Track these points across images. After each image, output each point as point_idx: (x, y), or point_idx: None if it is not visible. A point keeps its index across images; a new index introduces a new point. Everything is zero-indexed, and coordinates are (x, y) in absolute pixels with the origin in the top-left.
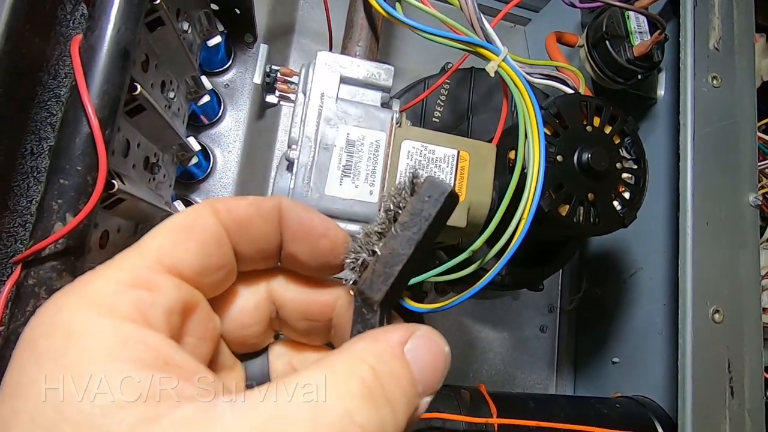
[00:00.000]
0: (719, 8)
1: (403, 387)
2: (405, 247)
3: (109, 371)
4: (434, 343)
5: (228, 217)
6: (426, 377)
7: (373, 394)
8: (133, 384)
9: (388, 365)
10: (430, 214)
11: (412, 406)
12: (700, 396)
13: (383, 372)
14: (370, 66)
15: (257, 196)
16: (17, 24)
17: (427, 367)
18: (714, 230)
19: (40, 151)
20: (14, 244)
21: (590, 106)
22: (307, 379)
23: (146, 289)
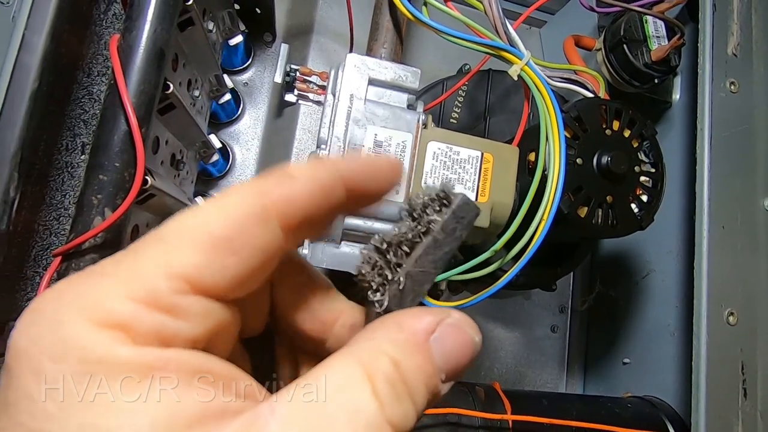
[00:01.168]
0: (738, 14)
1: (425, 380)
2: (437, 265)
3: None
4: (463, 332)
5: (286, 211)
6: (450, 367)
7: (397, 390)
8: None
9: (411, 359)
10: (462, 236)
11: (432, 395)
12: (714, 397)
13: (406, 367)
14: (397, 68)
15: (309, 167)
16: (60, 25)
17: (452, 358)
18: (730, 234)
19: (74, 147)
20: (49, 236)
21: (610, 109)
22: (334, 375)
23: (169, 315)
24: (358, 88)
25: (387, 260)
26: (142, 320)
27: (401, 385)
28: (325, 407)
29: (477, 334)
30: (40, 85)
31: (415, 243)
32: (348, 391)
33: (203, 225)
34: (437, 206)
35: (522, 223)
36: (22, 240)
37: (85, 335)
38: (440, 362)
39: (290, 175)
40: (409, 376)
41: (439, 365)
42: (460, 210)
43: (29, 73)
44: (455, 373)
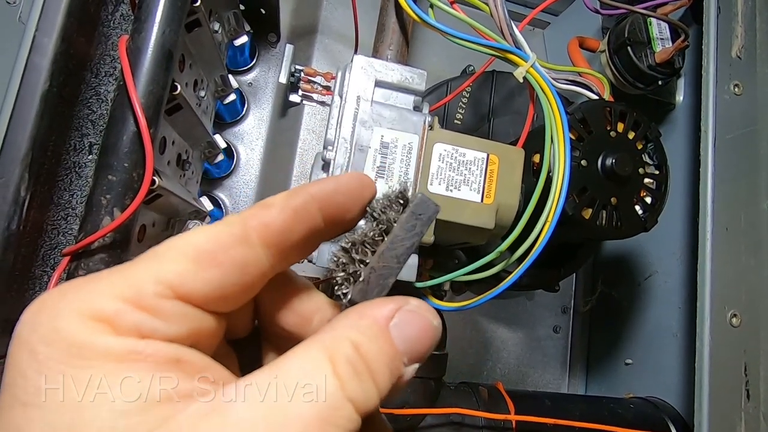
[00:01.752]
0: (742, 16)
1: (386, 361)
2: (400, 260)
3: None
4: (422, 317)
5: (266, 235)
6: (411, 350)
7: (357, 370)
8: (134, 385)
9: (372, 342)
10: (422, 231)
11: (395, 377)
12: (717, 398)
13: (367, 349)
14: (403, 70)
15: (284, 195)
16: (69, 26)
17: (413, 341)
18: (733, 236)
19: (81, 147)
20: (57, 236)
21: (614, 111)
22: (299, 360)
23: (150, 314)
24: (365, 90)
25: (352, 258)
26: (125, 316)
27: (362, 365)
28: (288, 388)
29: (435, 318)
30: (50, 86)
31: (377, 241)
32: (310, 372)
33: (190, 241)
34: (396, 206)
35: (527, 225)
36: (30, 239)
37: (74, 325)
38: (401, 346)
39: (268, 204)
40: (370, 357)
41: (400, 348)
42: (417, 208)
43: (40, 74)
44: (417, 356)
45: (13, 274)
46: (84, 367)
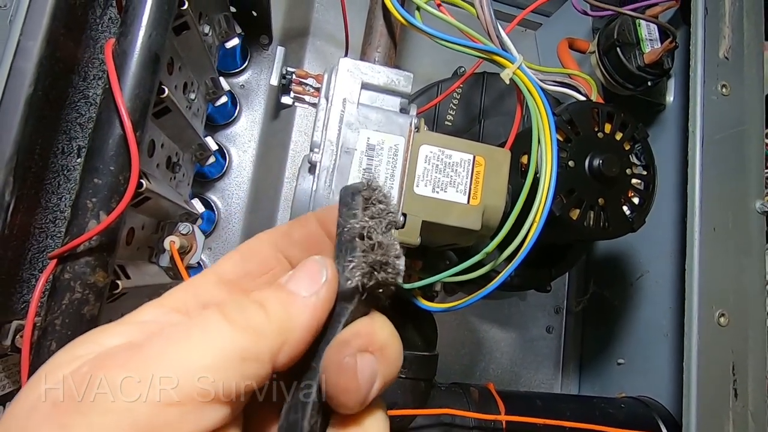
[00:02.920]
0: (730, 18)
1: (271, 293)
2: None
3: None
4: (304, 260)
5: (272, 233)
6: (300, 281)
7: (244, 306)
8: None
9: (262, 289)
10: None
11: (286, 301)
12: (705, 397)
13: (255, 293)
14: (390, 72)
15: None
16: (55, 29)
17: (299, 276)
18: (721, 236)
19: (69, 150)
20: (45, 239)
21: (602, 112)
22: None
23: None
24: (351, 92)
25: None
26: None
27: (248, 300)
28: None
29: (318, 256)
30: (35, 90)
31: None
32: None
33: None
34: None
35: (514, 225)
36: (18, 243)
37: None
38: (289, 284)
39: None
40: (256, 294)
41: (288, 285)
42: (343, 199)
43: (24, 78)
44: (308, 282)
45: None
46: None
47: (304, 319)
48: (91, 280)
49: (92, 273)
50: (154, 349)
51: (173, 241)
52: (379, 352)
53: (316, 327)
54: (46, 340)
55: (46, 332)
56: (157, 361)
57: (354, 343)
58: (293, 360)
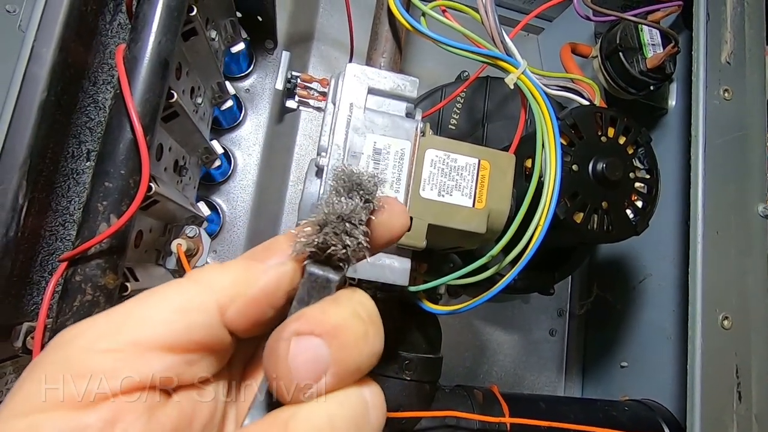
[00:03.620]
0: (731, 23)
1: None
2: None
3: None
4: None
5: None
6: (267, 251)
7: (208, 266)
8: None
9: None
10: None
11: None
12: (709, 400)
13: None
14: (396, 78)
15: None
16: (67, 36)
17: (270, 247)
18: (724, 239)
19: (79, 153)
20: (55, 242)
21: (605, 117)
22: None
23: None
24: (358, 97)
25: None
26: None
27: (214, 265)
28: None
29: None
30: (48, 95)
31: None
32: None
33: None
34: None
35: (519, 229)
36: (28, 245)
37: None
38: (257, 252)
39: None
40: (228, 261)
41: (257, 256)
42: (331, 181)
43: (38, 83)
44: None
45: (11, 280)
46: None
47: (261, 282)
48: (102, 283)
49: (103, 275)
50: (109, 311)
51: (180, 244)
52: (329, 335)
53: (274, 293)
54: None
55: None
56: (107, 317)
57: (292, 325)
58: (246, 320)
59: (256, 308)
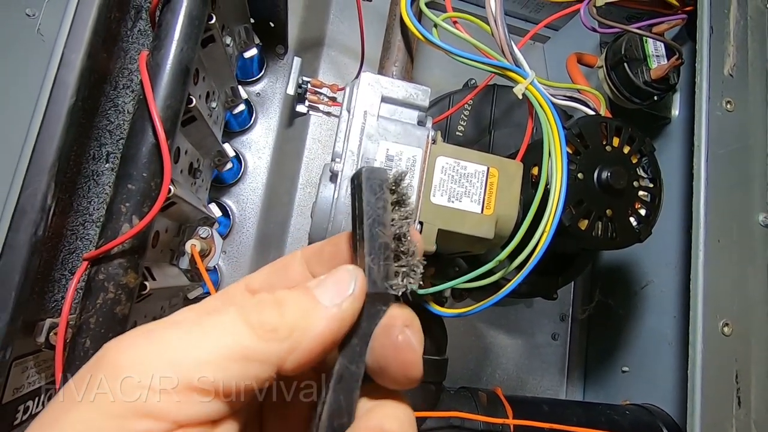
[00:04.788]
0: (734, 36)
1: (294, 294)
2: (368, 239)
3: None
4: (336, 269)
5: (306, 250)
6: (326, 288)
7: (263, 302)
8: None
9: (287, 290)
10: (376, 203)
11: (305, 305)
12: (709, 405)
13: (279, 292)
14: (408, 87)
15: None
16: (95, 42)
17: (327, 283)
18: (725, 247)
19: (99, 155)
20: (75, 241)
21: (610, 127)
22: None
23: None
24: (372, 105)
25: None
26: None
27: (268, 297)
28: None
29: (351, 266)
30: (76, 101)
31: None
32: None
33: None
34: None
35: (525, 235)
36: (52, 245)
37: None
38: (316, 289)
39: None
40: (279, 293)
41: (314, 290)
42: (366, 181)
43: (68, 89)
44: (333, 291)
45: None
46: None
47: (320, 328)
48: (124, 281)
49: (125, 274)
50: (164, 335)
51: (194, 245)
52: (413, 326)
53: (332, 339)
54: (81, 338)
55: (81, 330)
56: (163, 347)
57: (397, 322)
58: (302, 367)
59: (313, 355)
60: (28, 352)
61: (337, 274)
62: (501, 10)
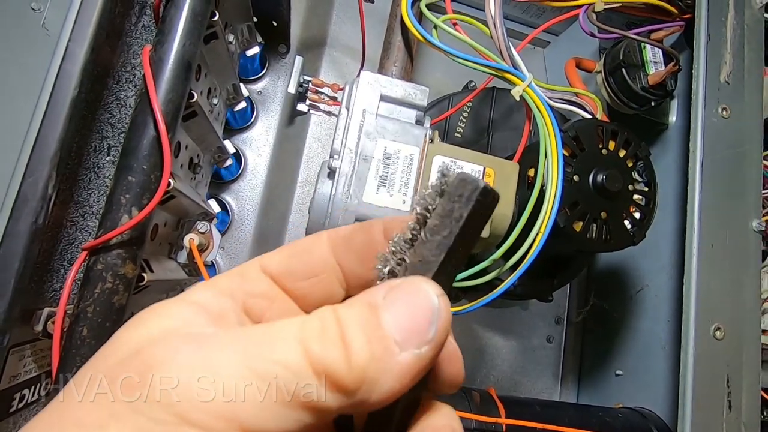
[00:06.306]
0: (731, 44)
1: (361, 324)
2: (435, 253)
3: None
4: (414, 290)
5: (332, 234)
6: (402, 326)
7: (327, 332)
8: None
9: (350, 309)
10: (462, 215)
11: (379, 351)
12: (700, 408)
13: (342, 314)
14: (407, 86)
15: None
16: (99, 36)
17: (403, 317)
18: (718, 253)
19: (101, 148)
20: (75, 232)
21: (606, 130)
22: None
23: (240, 277)
24: (371, 104)
25: (394, 254)
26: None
27: (334, 325)
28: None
29: (437, 294)
30: (79, 93)
31: (415, 237)
32: (277, 327)
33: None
34: (439, 194)
35: (520, 235)
36: (51, 234)
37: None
38: (388, 318)
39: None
40: (345, 319)
41: (385, 319)
42: (456, 189)
43: (71, 81)
44: (411, 335)
45: (34, 267)
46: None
47: (391, 387)
48: (122, 272)
49: (123, 265)
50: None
51: (192, 239)
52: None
53: (401, 393)
54: (78, 326)
55: (78, 319)
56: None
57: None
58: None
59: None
60: (25, 341)
61: (415, 309)
62: (500, 13)
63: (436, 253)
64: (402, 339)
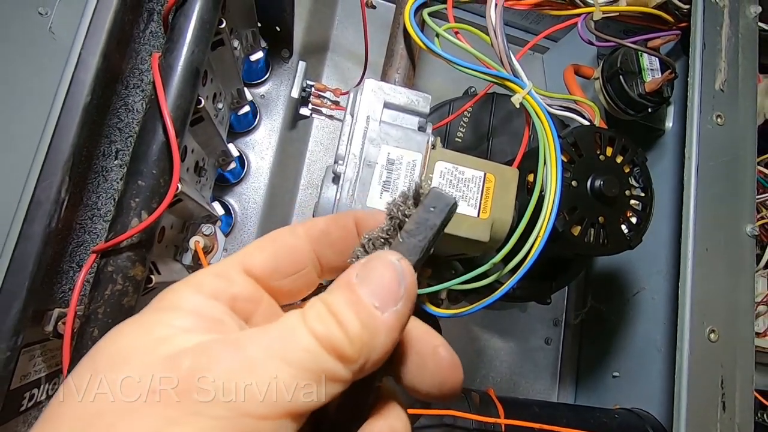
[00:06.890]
0: (726, 52)
1: (348, 304)
2: (411, 253)
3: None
4: (380, 260)
5: (310, 229)
6: (378, 293)
7: (322, 315)
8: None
9: (335, 294)
10: (435, 224)
11: (367, 319)
12: (694, 409)
13: (331, 300)
14: (410, 94)
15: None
16: (111, 44)
17: (377, 286)
18: (713, 256)
19: (109, 152)
20: (83, 234)
21: (604, 137)
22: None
23: (225, 279)
24: (374, 111)
25: (364, 251)
26: (209, 280)
27: (326, 311)
28: (272, 334)
29: (394, 255)
30: (91, 99)
31: (392, 236)
32: (287, 324)
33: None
34: (411, 203)
35: (519, 239)
36: (62, 237)
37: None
38: (363, 290)
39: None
40: (334, 303)
41: (362, 292)
42: (431, 201)
43: (84, 88)
44: (385, 296)
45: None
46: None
47: (384, 343)
48: (131, 274)
49: (132, 267)
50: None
51: (198, 241)
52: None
53: (393, 347)
54: (89, 327)
55: (89, 320)
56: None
57: (439, 340)
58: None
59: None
60: (35, 341)
61: (381, 272)
62: (501, 22)
63: (412, 253)
64: (381, 303)
